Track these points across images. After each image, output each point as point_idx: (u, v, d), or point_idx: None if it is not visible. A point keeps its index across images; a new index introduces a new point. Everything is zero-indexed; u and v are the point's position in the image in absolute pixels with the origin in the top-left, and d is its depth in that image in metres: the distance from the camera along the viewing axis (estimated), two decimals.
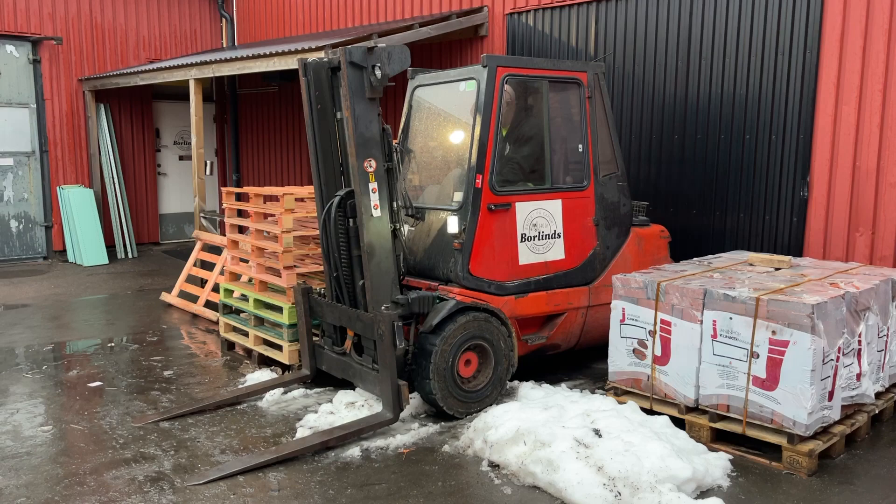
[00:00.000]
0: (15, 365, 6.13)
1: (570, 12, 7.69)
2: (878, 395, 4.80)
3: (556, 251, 5.49)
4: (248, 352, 6.28)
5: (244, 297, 6.30)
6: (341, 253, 5.05)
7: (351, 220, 4.96)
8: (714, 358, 4.44)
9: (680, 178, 7.00)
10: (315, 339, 5.48)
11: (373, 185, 4.76)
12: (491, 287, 5.20)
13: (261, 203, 6.21)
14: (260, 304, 6.05)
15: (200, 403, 5.13)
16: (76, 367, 6.09)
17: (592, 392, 5.23)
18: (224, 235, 7.10)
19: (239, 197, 8.45)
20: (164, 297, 8.38)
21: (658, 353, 4.71)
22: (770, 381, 4.19)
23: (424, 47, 9.06)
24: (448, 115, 5.70)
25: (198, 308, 7.81)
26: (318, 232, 5.54)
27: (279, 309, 5.79)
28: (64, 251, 11.29)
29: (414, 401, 4.98)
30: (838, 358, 4.26)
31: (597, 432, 4.05)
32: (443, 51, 9.05)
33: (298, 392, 5.37)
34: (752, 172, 6.50)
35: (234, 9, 12.90)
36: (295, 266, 5.87)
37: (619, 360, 4.95)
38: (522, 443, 4.12)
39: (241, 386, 5.56)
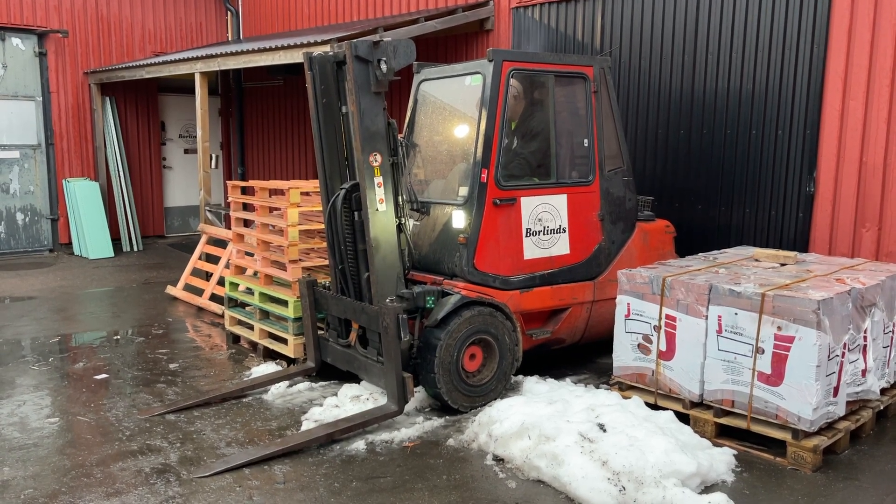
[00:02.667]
0: (21, 357, 6.16)
1: (577, 6, 7.67)
2: (883, 391, 4.80)
3: (561, 246, 5.49)
4: (254, 345, 6.30)
5: (249, 291, 6.31)
6: (346, 245, 5.05)
7: (356, 212, 4.97)
8: (719, 353, 4.44)
9: (686, 173, 6.99)
10: (320, 332, 5.49)
11: (378, 180, 4.76)
12: (496, 282, 5.20)
13: (266, 197, 6.22)
14: (265, 297, 6.06)
15: (206, 396, 5.15)
16: (82, 359, 6.12)
17: (597, 387, 5.22)
18: (229, 229, 7.11)
19: (244, 190, 8.46)
20: (170, 290, 8.40)
21: (663, 348, 4.71)
22: (775, 377, 4.19)
23: (430, 41, 9.05)
24: (453, 110, 5.69)
25: (203, 301, 7.83)
26: (323, 226, 5.55)
27: (284, 303, 5.80)
28: (69, 244, 11.32)
29: (419, 395, 4.99)
30: (843, 354, 4.26)
31: (601, 427, 4.06)
32: (448, 45, 9.04)
33: (303, 385, 5.39)
34: (758, 167, 6.48)
35: (240, 2, 12.89)
36: (300, 260, 5.88)
37: (624, 355, 4.95)
38: (527, 437, 4.13)
39: (248, 384, 5.56)
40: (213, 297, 7.78)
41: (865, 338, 4.48)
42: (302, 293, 5.40)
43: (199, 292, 8.04)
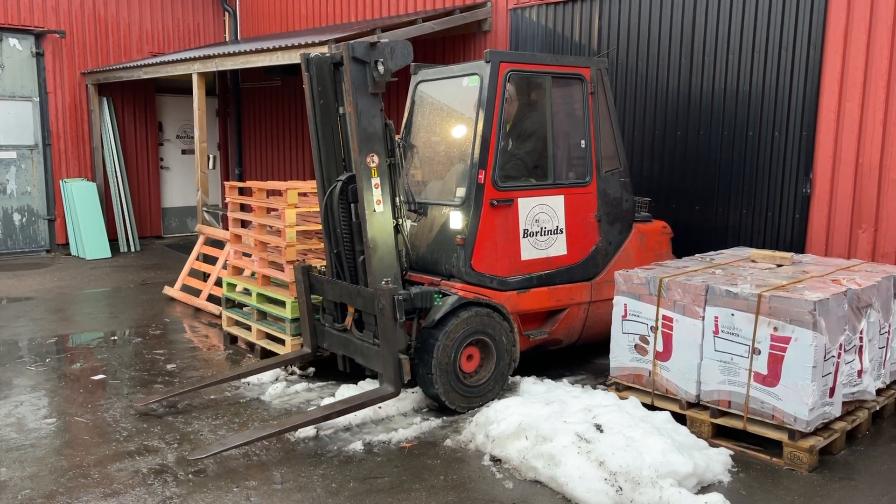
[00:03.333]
0: (19, 357, 6.15)
1: (574, 7, 7.69)
2: (879, 392, 4.81)
3: (558, 247, 5.50)
4: (251, 346, 6.30)
5: (247, 292, 6.31)
6: (342, 229, 5.05)
7: (352, 204, 4.97)
8: (715, 354, 4.45)
9: (682, 174, 7.00)
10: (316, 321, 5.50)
11: (375, 181, 4.76)
12: (493, 282, 5.21)
13: (264, 198, 6.23)
14: (262, 298, 6.06)
15: (203, 382, 5.20)
16: (79, 359, 6.12)
17: (594, 387, 5.23)
18: (227, 230, 7.11)
19: (242, 191, 8.47)
20: (167, 290, 8.39)
21: (660, 348, 4.72)
22: (771, 378, 4.20)
23: (427, 42, 9.06)
24: (451, 111, 5.70)
25: (200, 302, 7.83)
26: (320, 227, 5.55)
27: (282, 303, 5.81)
28: (67, 244, 11.31)
29: (416, 395, 5.00)
30: (840, 354, 4.27)
31: (598, 427, 4.07)
32: (446, 46, 9.05)
33: (301, 386, 5.39)
34: (755, 169, 6.50)
35: (238, 3, 12.89)
36: (298, 261, 5.87)
37: (621, 356, 4.96)
38: (524, 437, 4.14)
39: (244, 370, 5.51)
40: (211, 298, 7.78)
41: (861, 339, 4.50)
42: (297, 279, 5.40)
43: (197, 293, 8.04)
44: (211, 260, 8.48)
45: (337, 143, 5.21)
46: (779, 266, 5.08)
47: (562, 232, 5.51)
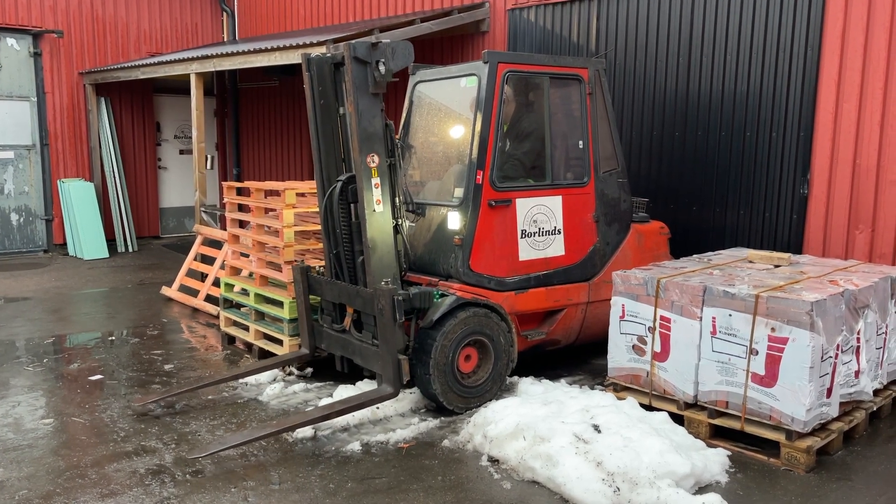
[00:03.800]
0: (16, 358, 6.15)
1: (572, 8, 7.69)
2: (876, 393, 4.82)
3: (556, 247, 5.50)
4: (249, 346, 6.30)
5: (245, 292, 6.31)
6: (342, 230, 5.05)
7: (352, 204, 4.97)
8: (713, 354, 4.45)
9: (680, 175, 7.01)
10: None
11: (375, 181, 4.76)
12: (491, 283, 5.21)
13: (262, 198, 6.22)
14: (260, 298, 6.06)
15: (201, 382, 5.20)
16: (77, 360, 6.11)
17: (592, 388, 5.24)
18: (224, 230, 7.11)
19: (240, 191, 8.46)
20: (165, 290, 8.39)
21: (657, 349, 4.73)
22: (769, 378, 4.21)
23: (426, 42, 9.06)
24: (449, 111, 5.70)
25: (198, 302, 7.82)
26: (319, 227, 5.55)
27: (280, 303, 5.80)
28: (64, 244, 11.29)
29: (414, 396, 5.00)
30: (837, 355, 4.28)
31: (596, 428, 4.07)
32: (444, 46, 9.05)
33: (299, 386, 5.39)
34: (753, 169, 6.51)
35: (235, 3, 12.89)
36: (296, 261, 5.87)
37: (619, 357, 4.97)
38: (522, 438, 4.14)
39: (242, 371, 5.51)
40: (209, 298, 7.77)
41: (858, 339, 4.51)
42: (296, 279, 5.39)
43: (195, 293, 8.03)
44: (209, 260, 8.47)
45: (337, 143, 5.21)
46: (776, 267, 5.08)
47: (560, 232, 5.51)
